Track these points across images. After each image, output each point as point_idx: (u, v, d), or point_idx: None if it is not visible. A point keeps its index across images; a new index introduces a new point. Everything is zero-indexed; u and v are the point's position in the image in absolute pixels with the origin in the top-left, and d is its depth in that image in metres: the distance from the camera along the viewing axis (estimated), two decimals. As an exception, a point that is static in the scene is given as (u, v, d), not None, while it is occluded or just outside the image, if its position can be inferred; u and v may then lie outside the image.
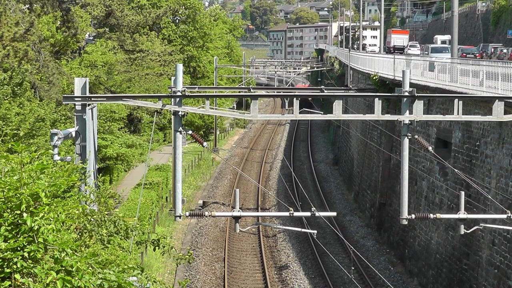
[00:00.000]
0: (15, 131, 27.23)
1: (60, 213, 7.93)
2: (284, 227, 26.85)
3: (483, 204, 25.10)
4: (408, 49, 63.10)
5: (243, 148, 70.13)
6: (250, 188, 49.25)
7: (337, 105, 18.79)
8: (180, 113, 18.01)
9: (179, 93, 17.89)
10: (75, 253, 7.61)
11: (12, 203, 7.68)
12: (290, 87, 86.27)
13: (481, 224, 20.42)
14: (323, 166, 61.44)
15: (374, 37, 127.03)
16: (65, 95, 19.52)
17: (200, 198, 45.59)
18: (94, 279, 7.28)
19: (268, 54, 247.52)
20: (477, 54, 53.31)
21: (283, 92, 48.70)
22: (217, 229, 38.40)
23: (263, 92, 40.61)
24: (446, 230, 28.58)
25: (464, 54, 52.97)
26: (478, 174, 26.03)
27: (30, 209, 7.61)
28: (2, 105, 28.67)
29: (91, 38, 56.85)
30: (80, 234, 9.19)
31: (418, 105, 18.57)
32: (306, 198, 35.89)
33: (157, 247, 10.49)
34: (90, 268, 7.54)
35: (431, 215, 19.51)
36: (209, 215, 18.71)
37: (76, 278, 7.20)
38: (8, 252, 7.27)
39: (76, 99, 17.48)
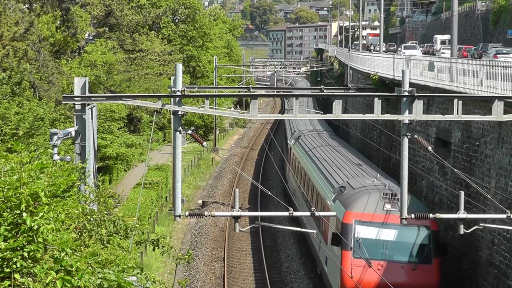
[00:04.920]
0: (14, 131, 27.25)
1: (59, 212, 7.93)
2: (284, 227, 26.82)
3: (483, 203, 25.10)
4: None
5: (243, 148, 70.12)
6: (250, 187, 49.25)
7: (337, 105, 18.78)
8: (179, 112, 18.00)
9: (178, 93, 17.87)
10: (75, 253, 7.62)
11: (12, 203, 7.68)
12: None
13: (480, 224, 20.42)
14: (323, 166, 61.30)
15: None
16: (64, 95, 19.55)
17: (200, 197, 45.57)
18: (94, 278, 7.28)
19: (267, 53, 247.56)
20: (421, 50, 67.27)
21: (283, 92, 48.64)
22: (216, 229, 38.39)
23: (262, 92, 40.62)
24: (446, 229, 28.58)
25: None
26: (477, 174, 26.03)
27: (30, 208, 7.61)
28: (1, 104, 28.67)
29: (91, 37, 56.82)
30: (79, 233, 9.19)
31: (418, 105, 18.55)
32: (306, 198, 35.77)
33: (156, 247, 10.48)
34: (89, 267, 7.54)
35: (431, 215, 19.50)
36: (209, 215, 18.71)
37: (76, 278, 7.20)
38: (8, 251, 7.27)
39: (75, 98, 17.48)
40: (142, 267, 8.49)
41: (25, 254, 7.31)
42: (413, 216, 19.03)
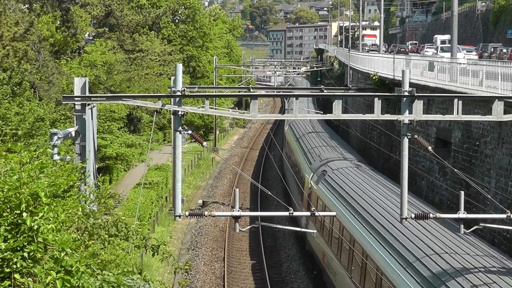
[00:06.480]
0: (15, 131, 27.25)
1: (59, 213, 7.93)
2: (284, 227, 26.80)
3: (483, 203, 25.10)
4: (372, 46, 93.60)
5: (243, 148, 70.12)
6: (250, 187, 49.23)
7: (337, 105, 18.76)
8: (179, 113, 17.97)
9: (178, 93, 17.84)
10: (75, 252, 7.62)
11: (12, 203, 7.68)
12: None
13: (480, 224, 20.40)
14: (323, 166, 61.17)
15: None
16: (64, 95, 19.52)
17: (200, 197, 45.58)
18: (94, 280, 7.28)
19: (267, 54, 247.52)
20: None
21: (283, 92, 48.59)
22: (216, 229, 38.40)
23: (262, 92, 40.61)
24: (446, 229, 28.55)
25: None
26: (477, 174, 26.03)
27: (30, 208, 7.61)
28: (2, 105, 28.67)
29: (91, 38, 56.83)
30: (81, 233, 9.18)
31: (418, 105, 18.52)
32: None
33: (156, 253, 10.43)
34: (89, 269, 7.54)
35: (431, 215, 19.46)
36: (209, 215, 18.68)
37: (76, 278, 7.20)
38: (8, 252, 7.27)
39: (75, 98, 17.45)
40: (142, 268, 8.47)
41: (25, 254, 7.31)
42: (413, 215, 18.99)
